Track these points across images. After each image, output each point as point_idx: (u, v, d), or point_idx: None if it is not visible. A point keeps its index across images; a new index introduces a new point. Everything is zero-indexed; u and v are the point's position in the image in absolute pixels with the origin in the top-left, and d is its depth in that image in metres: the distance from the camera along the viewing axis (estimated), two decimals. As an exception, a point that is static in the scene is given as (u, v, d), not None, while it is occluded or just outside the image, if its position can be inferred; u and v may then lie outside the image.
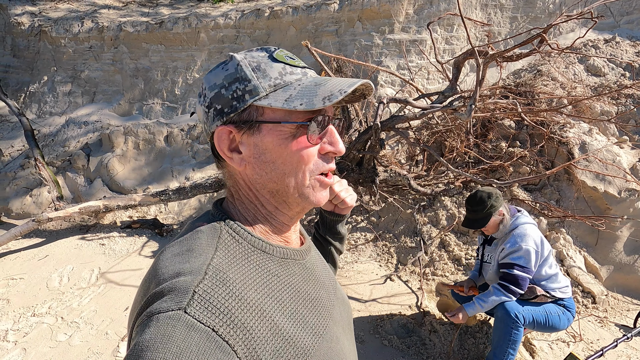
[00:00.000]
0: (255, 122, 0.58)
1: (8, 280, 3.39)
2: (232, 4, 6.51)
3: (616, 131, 3.85)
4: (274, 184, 0.61)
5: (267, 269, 0.58)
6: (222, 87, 0.59)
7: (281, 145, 0.58)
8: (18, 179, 4.98)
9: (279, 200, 0.63)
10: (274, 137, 0.58)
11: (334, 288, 0.74)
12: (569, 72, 4.46)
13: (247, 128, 0.59)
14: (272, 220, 0.64)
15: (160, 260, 0.56)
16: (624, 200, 3.24)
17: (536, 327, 2.14)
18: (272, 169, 0.60)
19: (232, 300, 0.49)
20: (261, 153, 0.59)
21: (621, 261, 3.15)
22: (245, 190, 0.64)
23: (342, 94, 0.55)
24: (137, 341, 0.45)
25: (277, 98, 0.57)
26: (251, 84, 0.58)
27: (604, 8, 5.10)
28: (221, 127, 0.59)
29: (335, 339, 0.62)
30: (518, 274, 2.08)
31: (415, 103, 3.15)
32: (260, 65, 0.59)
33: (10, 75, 6.55)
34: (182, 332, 0.44)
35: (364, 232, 3.81)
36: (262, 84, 0.58)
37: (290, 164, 0.59)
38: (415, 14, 5.22)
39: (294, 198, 0.62)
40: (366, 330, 2.63)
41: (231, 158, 0.61)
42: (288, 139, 0.58)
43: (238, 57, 0.60)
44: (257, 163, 0.60)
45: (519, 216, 2.23)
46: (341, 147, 0.62)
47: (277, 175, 0.60)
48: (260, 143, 0.59)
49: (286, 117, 0.58)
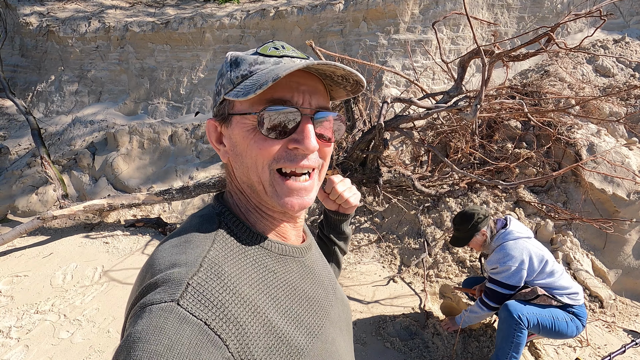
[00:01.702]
0: (228, 114, 0.59)
1: (12, 277, 3.41)
2: (238, 4, 6.52)
3: (625, 132, 3.78)
4: (246, 177, 0.60)
5: (264, 265, 0.57)
6: (215, 84, 0.63)
7: (245, 138, 0.57)
8: (24, 177, 5.03)
9: (258, 197, 0.61)
10: (240, 129, 0.58)
11: (334, 288, 0.72)
12: (577, 72, 4.39)
13: (224, 121, 0.60)
14: (263, 213, 0.63)
15: (158, 251, 0.56)
16: (633, 203, 3.18)
17: (542, 332, 2.08)
18: (241, 162, 0.59)
19: (226, 294, 0.49)
20: (234, 145, 0.60)
21: (630, 265, 3.08)
22: (235, 182, 0.64)
23: (273, 80, 0.50)
24: (129, 332, 0.44)
25: (236, 90, 0.56)
26: (225, 78, 0.59)
27: (613, 8, 5.03)
28: (208, 120, 0.63)
29: (330, 340, 0.61)
30: (496, 289, 2.15)
31: (419, 103, 3.12)
32: (238, 58, 0.59)
33: (18, 74, 6.63)
34: (174, 325, 0.43)
35: (367, 233, 3.79)
36: (231, 77, 0.58)
37: (250, 158, 0.57)
38: (420, 14, 5.19)
39: (264, 196, 0.59)
40: (368, 332, 2.61)
41: (219, 150, 0.63)
42: (250, 132, 0.56)
43: (229, 54, 0.61)
44: (233, 156, 0.60)
45: (504, 233, 2.21)
46: (308, 143, 0.55)
47: (244, 168, 0.59)
48: (232, 135, 0.59)
49: (249, 108, 0.57)
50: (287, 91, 0.56)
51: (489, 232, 2.24)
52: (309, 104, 0.58)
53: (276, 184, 0.57)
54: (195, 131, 5.29)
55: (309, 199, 0.59)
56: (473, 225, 2.22)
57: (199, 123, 5.38)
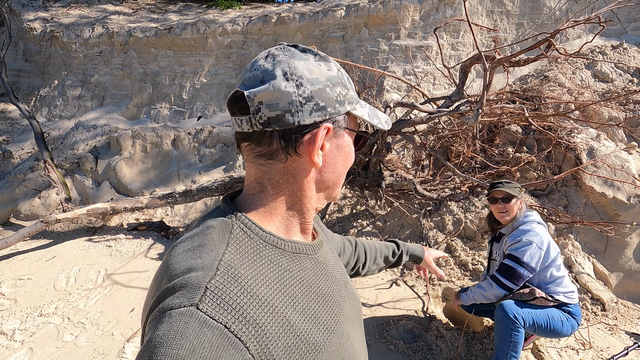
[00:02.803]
0: (344, 127, 0.65)
1: (16, 280, 3.42)
2: (240, 10, 6.60)
3: (624, 137, 3.82)
4: (331, 182, 0.67)
5: (279, 264, 0.58)
6: (326, 86, 0.59)
7: (347, 150, 0.67)
8: (27, 181, 5.05)
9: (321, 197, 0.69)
10: (349, 142, 0.67)
11: (345, 282, 0.74)
12: (576, 78, 4.45)
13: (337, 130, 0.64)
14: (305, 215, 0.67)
15: (172, 256, 0.56)
16: (634, 207, 3.21)
17: (537, 331, 2.10)
18: (335, 168, 0.66)
19: (243, 297, 0.49)
20: (337, 154, 0.65)
21: (631, 268, 3.10)
22: (299, 185, 0.64)
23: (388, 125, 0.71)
24: (150, 337, 0.45)
25: (362, 111, 0.66)
26: (349, 93, 0.64)
27: (610, 14, 5.10)
28: (326, 124, 0.60)
29: (346, 335, 0.62)
30: (513, 266, 2.08)
31: (421, 107, 3.15)
32: (348, 76, 0.67)
33: (22, 79, 6.68)
34: (195, 329, 0.44)
35: (370, 237, 3.80)
36: (354, 96, 0.65)
37: (344, 166, 0.68)
38: (421, 20, 5.26)
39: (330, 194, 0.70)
40: (372, 334, 2.61)
41: (317, 153, 0.61)
42: (349, 146, 0.67)
43: (334, 62, 0.65)
44: (331, 162, 0.65)
45: (530, 214, 2.24)
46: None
47: (337, 174, 0.67)
48: (341, 145, 0.65)
49: (354, 127, 0.68)
50: None
51: (524, 206, 2.28)
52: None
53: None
54: (197, 135, 5.32)
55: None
56: (519, 189, 2.27)
57: (201, 127, 5.41)
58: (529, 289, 2.14)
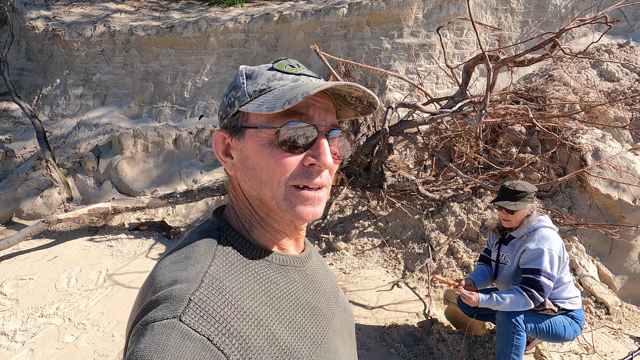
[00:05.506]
0: (241, 127, 0.59)
1: (17, 280, 3.43)
2: (242, 9, 6.56)
3: (630, 138, 3.77)
4: (255, 192, 0.60)
5: (266, 277, 0.57)
6: (225, 96, 0.63)
7: (259, 152, 0.57)
8: (29, 180, 5.06)
9: (267, 210, 0.61)
10: (254, 142, 0.57)
11: (335, 296, 0.72)
12: (581, 77, 4.38)
13: (235, 133, 0.60)
14: (267, 227, 0.62)
15: (158, 268, 0.56)
16: (639, 209, 3.16)
17: (539, 335, 2.09)
18: (252, 175, 0.59)
19: (228, 309, 0.49)
20: (245, 159, 0.59)
21: (636, 271, 3.06)
22: (241, 195, 0.63)
23: (303, 96, 0.51)
24: (132, 350, 0.44)
25: (255, 103, 0.57)
26: (240, 91, 0.59)
27: (617, 12, 5.02)
28: (217, 132, 0.62)
29: (333, 349, 0.61)
30: (544, 281, 1.99)
31: (424, 108, 3.12)
32: (254, 72, 0.60)
33: (24, 78, 6.68)
34: (177, 341, 0.43)
35: (371, 238, 3.78)
36: (248, 90, 0.58)
37: (266, 173, 0.57)
38: (424, 19, 5.20)
39: (276, 210, 0.59)
40: (372, 337, 2.60)
41: (225, 162, 0.62)
42: (266, 146, 0.57)
43: (242, 67, 0.62)
44: (242, 169, 0.60)
45: (542, 219, 2.18)
46: (325, 160, 0.56)
47: (256, 183, 0.59)
48: (244, 148, 0.59)
49: (266, 122, 0.56)
50: (304, 107, 0.57)
51: (535, 211, 2.18)
52: (324, 121, 0.59)
53: (291, 195, 0.57)
54: (199, 135, 5.31)
55: (320, 209, 0.60)
56: (529, 197, 2.12)
57: (203, 126, 5.40)
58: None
